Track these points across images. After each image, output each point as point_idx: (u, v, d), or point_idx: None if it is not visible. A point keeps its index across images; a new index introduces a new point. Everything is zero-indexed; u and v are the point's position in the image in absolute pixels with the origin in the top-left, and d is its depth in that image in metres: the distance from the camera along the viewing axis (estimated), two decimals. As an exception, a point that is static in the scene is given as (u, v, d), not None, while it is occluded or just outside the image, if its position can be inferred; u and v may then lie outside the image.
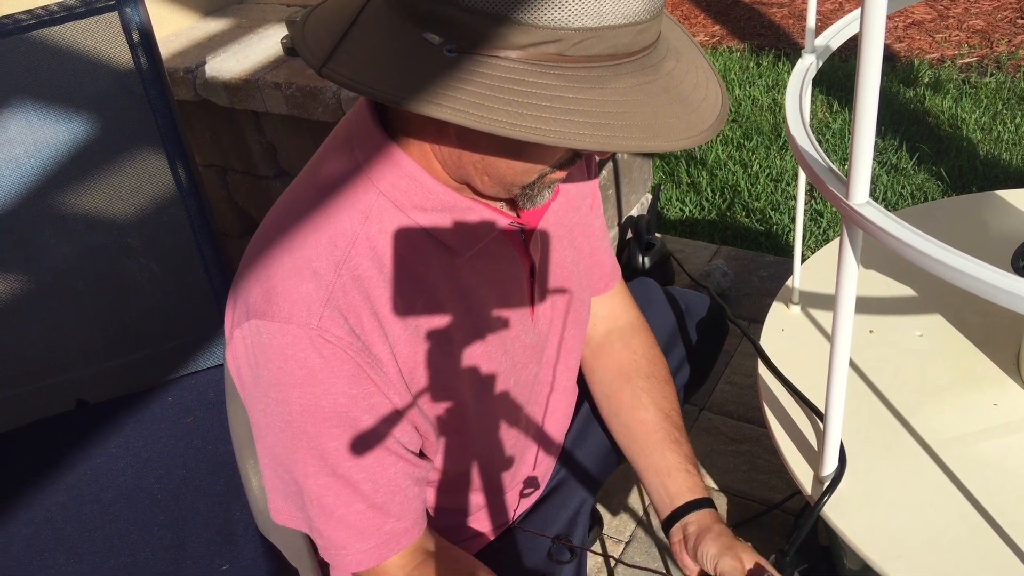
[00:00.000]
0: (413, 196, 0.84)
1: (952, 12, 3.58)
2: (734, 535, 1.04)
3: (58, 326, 1.42)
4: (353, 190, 0.85)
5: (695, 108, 0.76)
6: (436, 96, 0.69)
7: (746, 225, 2.51)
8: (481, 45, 0.70)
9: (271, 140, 1.92)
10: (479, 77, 0.70)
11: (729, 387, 1.83)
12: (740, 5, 3.92)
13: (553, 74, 0.70)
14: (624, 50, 0.72)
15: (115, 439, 1.37)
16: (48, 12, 1.29)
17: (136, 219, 1.41)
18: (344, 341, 0.81)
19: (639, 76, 0.73)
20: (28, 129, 1.32)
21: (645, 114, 0.72)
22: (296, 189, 0.90)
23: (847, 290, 0.86)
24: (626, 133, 0.70)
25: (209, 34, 2.00)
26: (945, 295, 1.31)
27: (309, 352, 0.81)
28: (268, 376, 0.83)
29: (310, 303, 0.81)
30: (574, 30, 0.69)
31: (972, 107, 2.87)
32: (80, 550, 1.20)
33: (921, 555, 0.98)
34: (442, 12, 0.70)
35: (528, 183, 0.84)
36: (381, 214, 0.84)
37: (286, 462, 0.87)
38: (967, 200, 1.53)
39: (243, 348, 0.85)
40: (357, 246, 0.83)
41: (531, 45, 0.69)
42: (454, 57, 0.70)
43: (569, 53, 0.70)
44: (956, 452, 1.08)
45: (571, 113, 0.69)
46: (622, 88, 0.72)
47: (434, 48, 0.71)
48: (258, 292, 0.83)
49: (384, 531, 0.90)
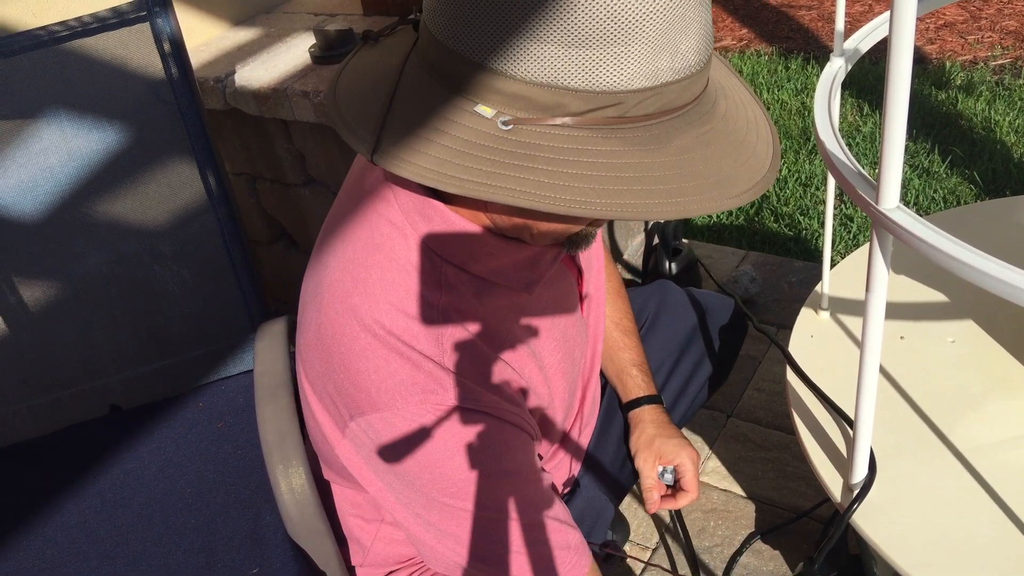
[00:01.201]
0: (474, 253, 0.84)
1: (984, 13, 3.53)
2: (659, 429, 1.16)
3: (91, 333, 1.44)
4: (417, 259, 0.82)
5: (753, 150, 0.75)
6: (499, 179, 0.66)
7: (775, 230, 2.50)
8: (537, 115, 0.67)
9: (299, 148, 1.94)
10: (540, 151, 0.67)
11: (757, 394, 1.81)
12: (768, 8, 3.90)
13: (616, 138, 0.68)
14: (680, 102, 0.71)
15: (147, 444, 1.38)
16: (81, 23, 1.31)
17: (167, 227, 1.42)
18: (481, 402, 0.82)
19: (698, 127, 0.72)
20: (62, 138, 1.34)
21: (712, 169, 0.70)
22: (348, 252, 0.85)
23: (877, 296, 0.85)
24: (700, 195, 0.69)
25: (238, 43, 2.02)
26: (978, 301, 1.29)
27: (452, 422, 0.81)
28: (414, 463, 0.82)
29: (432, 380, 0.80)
30: (632, 92, 0.67)
31: (1006, 109, 2.83)
32: (113, 553, 1.21)
33: (952, 564, 0.96)
34: (492, 83, 0.68)
35: (576, 232, 0.84)
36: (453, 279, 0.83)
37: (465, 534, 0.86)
38: (1000, 204, 1.51)
39: (367, 441, 0.83)
40: (447, 316, 0.82)
41: (589, 111, 0.67)
42: (510, 130, 0.68)
43: (629, 115, 0.68)
44: (988, 460, 1.07)
45: (644, 181, 0.67)
46: (687, 145, 0.70)
47: (487, 121, 0.68)
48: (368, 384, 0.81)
49: (571, 548, 0.92)
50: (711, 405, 1.80)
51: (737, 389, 1.82)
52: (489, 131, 0.68)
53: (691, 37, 0.68)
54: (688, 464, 1.16)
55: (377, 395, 0.80)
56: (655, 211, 0.67)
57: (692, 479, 1.16)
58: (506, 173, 0.67)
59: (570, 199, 0.66)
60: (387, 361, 0.80)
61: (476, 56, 0.68)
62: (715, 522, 1.55)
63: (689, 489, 1.16)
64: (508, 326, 0.88)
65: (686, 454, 1.15)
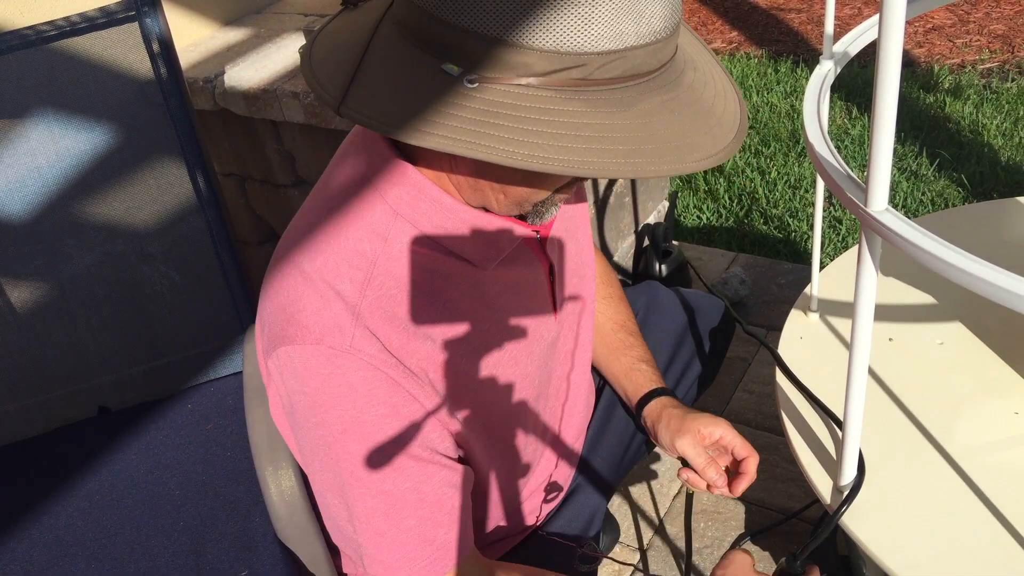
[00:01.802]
0: (432, 217, 0.84)
1: (973, 17, 3.55)
2: (684, 411, 1.10)
3: (79, 334, 1.44)
4: (371, 212, 0.84)
5: (718, 120, 0.76)
6: (462, 133, 0.68)
7: (764, 232, 2.50)
8: (502, 74, 0.69)
9: (289, 149, 1.93)
10: (504, 108, 0.69)
11: (747, 395, 1.82)
12: (758, 11, 3.92)
13: (579, 99, 0.69)
14: (646, 68, 0.72)
15: (136, 446, 1.38)
16: (69, 23, 1.30)
17: (156, 227, 1.42)
18: (378, 359, 0.81)
19: (662, 93, 0.73)
20: (50, 139, 1.34)
21: (673, 134, 0.72)
22: (310, 210, 0.89)
23: (866, 298, 0.86)
24: (658, 157, 0.70)
25: (228, 44, 2.02)
26: (966, 303, 1.30)
27: (345, 370, 0.81)
28: (305, 400, 0.83)
29: (340, 324, 0.80)
30: (597, 54, 0.68)
31: (993, 112, 2.85)
32: (100, 555, 1.21)
33: (940, 564, 0.97)
34: (460, 41, 0.69)
35: (541, 200, 0.84)
36: (400, 235, 0.84)
37: (334, 486, 0.87)
38: (988, 207, 1.52)
39: (278, 377, 0.85)
40: (378, 267, 0.83)
41: (554, 72, 0.68)
42: (475, 88, 0.69)
43: (592, 76, 0.69)
44: (976, 461, 1.07)
45: (604, 141, 0.69)
46: (649, 109, 0.71)
47: (453, 79, 0.70)
48: (282, 318, 0.83)
49: (436, 544, 0.89)
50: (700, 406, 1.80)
51: (726, 391, 1.82)
52: (455, 88, 0.69)
53: (657, 3, 0.70)
54: (730, 434, 1.08)
55: (286, 328, 0.82)
56: (612, 170, 0.69)
57: (743, 444, 1.08)
58: (469, 128, 0.68)
59: (529, 155, 0.67)
60: (301, 295, 0.82)
61: (443, 14, 0.69)
62: (705, 523, 1.55)
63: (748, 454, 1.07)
64: (451, 297, 0.88)
65: (723, 426, 1.08)
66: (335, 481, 0.86)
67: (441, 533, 0.89)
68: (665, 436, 1.09)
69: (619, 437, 1.26)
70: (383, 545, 0.87)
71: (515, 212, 0.87)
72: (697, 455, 1.07)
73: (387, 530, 0.86)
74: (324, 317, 0.81)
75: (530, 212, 0.87)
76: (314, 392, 0.82)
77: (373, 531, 0.87)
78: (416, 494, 0.86)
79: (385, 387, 0.82)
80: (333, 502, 0.89)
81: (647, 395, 1.15)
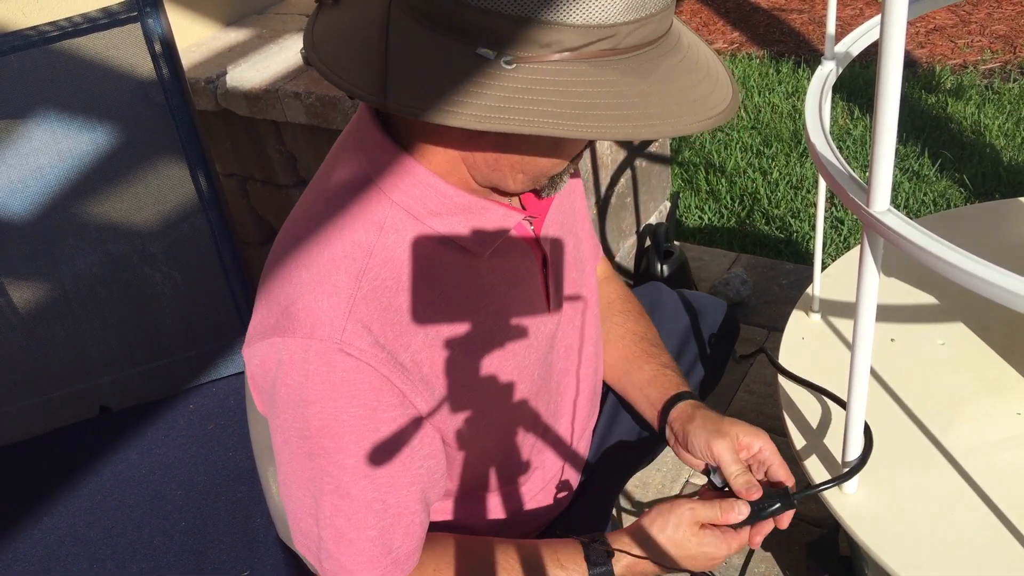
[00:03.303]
0: (428, 203, 0.85)
1: (974, 17, 3.55)
2: (720, 415, 1.04)
3: (81, 334, 1.44)
4: (366, 201, 0.85)
5: (718, 77, 0.80)
6: (510, 112, 0.70)
7: (766, 233, 2.50)
8: (537, 52, 0.71)
9: (291, 149, 1.93)
10: (544, 84, 0.71)
11: (748, 396, 1.82)
12: (759, 12, 3.91)
13: (611, 68, 0.72)
14: (658, 33, 0.75)
15: (138, 446, 1.38)
16: (71, 23, 1.30)
17: (158, 228, 1.42)
18: (368, 353, 0.81)
19: (672, 56, 0.77)
20: (52, 139, 1.34)
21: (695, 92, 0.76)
22: (307, 203, 0.90)
23: (868, 298, 0.86)
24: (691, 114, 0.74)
25: (229, 44, 2.02)
26: (968, 303, 1.30)
27: (331, 368, 0.81)
28: (288, 393, 0.83)
29: (332, 317, 0.81)
30: (624, 24, 0.71)
31: (995, 113, 2.85)
32: (102, 556, 1.21)
33: (943, 565, 0.97)
34: (491, 25, 0.70)
35: (557, 172, 0.86)
36: (396, 224, 0.84)
37: (303, 481, 0.87)
38: (990, 207, 1.52)
39: (260, 366, 0.85)
40: (374, 257, 0.83)
41: (585, 45, 0.71)
42: (513, 68, 0.71)
43: (620, 46, 0.73)
44: (978, 462, 1.07)
45: (642, 105, 0.72)
46: (669, 71, 0.75)
47: (490, 62, 0.71)
48: (277, 310, 0.83)
49: (392, 556, 0.89)
50: (702, 407, 1.80)
51: (728, 392, 1.82)
52: (493, 71, 0.71)
53: None
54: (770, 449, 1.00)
55: (281, 319, 0.82)
56: (658, 129, 0.73)
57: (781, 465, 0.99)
58: (516, 107, 0.70)
59: (578, 125, 0.70)
60: (298, 288, 0.82)
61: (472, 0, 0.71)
62: (706, 524, 1.55)
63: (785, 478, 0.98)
64: (447, 286, 0.88)
65: (764, 439, 1.00)
66: (305, 475, 0.86)
67: (398, 542, 0.89)
68: (699, 437, 1.01)
69: (625, 438, 1.26)
70: (342, 545, 0.87)
71: (530, 188, 0.88)
72: (732, 460, 0.98)
73: (347, 531, 0.87)
74: (317, 310, 0.81)
75: (546, 185, 0.89)
76: (297, 386, 0.82)
77: (335, 529, 0.87)
78: (381, 503, 0.86)
79: (370, 387, 0.82)
80: (299, 494, 0.88)
81: (675, 396, 1.09)
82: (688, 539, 0.94)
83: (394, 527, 0.88)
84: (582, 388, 1.15)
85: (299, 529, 0.91)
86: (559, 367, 1.07)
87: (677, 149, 2.95)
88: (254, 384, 0.88)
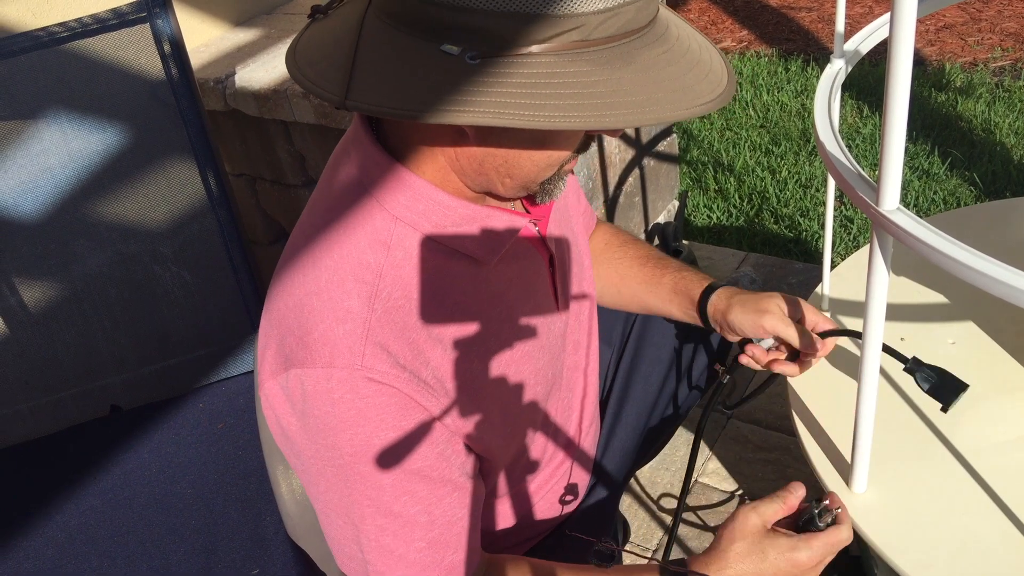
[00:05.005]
0: (431, 216, 0.84)
1: (984, 15, 3.53)
2: (753, 293, 1.10)
3: (92, 333, 1.44)
4: (370, 220, 0.83)
5: (710, 67, 0.78)
6: (476, 106, 0.69)
7: (775, 232, 2.50)
8: (503, 46, 0.70)
9: (299, 149, 1.94)
10: (512, 78, 0.70)
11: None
12: (768, 10, 3.90)
13: (583, 60, 0.71)
14: (637, 24, 0.73)
15: (148, 445, 1.38)
16: (81, 24, 1.31)
17: (168, 228, 1.43)
18: (391, 375, 0.80)
19: (656, 47, 0.75)
20: (62, 139, 1.34)
21: (678, 83, 0.74)
22: (308, 225, 0.88)
23: (877, 297, 0.85)
24: (671, 103, 0.72)
25: (238, 45, 2.02)
26: (978, 302, 1.29)
27: (356, 394, 0.80)
28: (316, 424, 0.82)
29: (350, 343, 0.80)
30: (594, 13, 0.70)
31: (1005, 111, 2.83)
32: (113, 553, 1.21)
33: (953, 565, 0.96)
34: (456, 21, 0.70)
35: (547, 177, 0.84)
36: (402, 240, 0.83)
37: (341, 508, 0.86)
38: (1000, 206, 1.51)
39: (284, 399, 0.83)
40: (384, 278, 0.82)
41: (554, 36, 0.70)
42: (477, 63, 0.70)
43: (592, 37, 0.71)
44: (989, 461, 1.07)
45: (616, 95, 0.70)
46: (649, 61, 0.73)
47: (455, 59, 0.70)
48: (292, 340, 0.82)
49: (444, 565, 0.88)
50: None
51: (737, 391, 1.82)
52: (459, 67, 0.70)
53: None
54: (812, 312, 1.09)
55: (297, 350, 0.81)
56: (632, 118, 0.70)
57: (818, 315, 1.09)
58: (482, 100, 0.69)
59: (550, 116, 0.68)
60: (311, 315, 0.81)
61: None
62: (716, 522, 1.55)
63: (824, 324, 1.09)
64: (458, 297, 0.87)
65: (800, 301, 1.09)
66: (342, 503, 0.85)
67: (450, 554, 0.88)
68: (745, 322, 1.08)
69: (631, 436, 1.26)
70: (392, 560, 0.86)
71: (522, 194, 0.87)
72: (786, 328, 1.07)
73: (396, 548, 0.86)
74: (334, 337, 0.80)
75: (538, 192, 0.87)
76: (324, 415, 0.81)
77: (381, 548, 0.86)
78: (427, 516, 0.86)
79: (397, 407, 0.82)
80: (339, 523, 0.87)
81: (704, 293, 1.14)
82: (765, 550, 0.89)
83: (443, 538, 0.88)
84: (589, 386, 1.15)
85: (344, 554, 0.89)
86: (569, 364, 1.07)
87: (685, 148, 2.95)
88: (275, 421, 0.86)
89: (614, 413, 1.26)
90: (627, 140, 2.05)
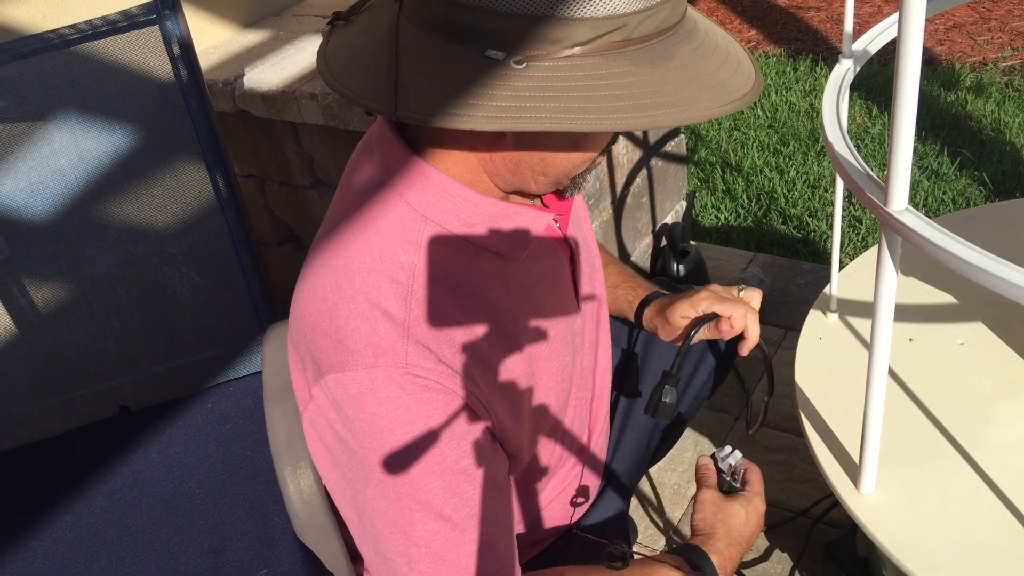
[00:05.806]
0: (460, 215, 0.84)
1: (995, 14, 3.52)
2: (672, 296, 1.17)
3: (101, 334, 1.45)
4: (399, 220, 0.83)
5: (738, 61, 0.80)
6: (524, 111, 0.69)
7: (783, 232, 2.49)
8: (546, 50, 0.71)
9: (308, 150, 1.94)
10: (556, 81, 0.71)
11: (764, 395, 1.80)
12: (776, 9, 3.90)
13: (624, 59, 0.72)
14: (671, 21, 0.75)
15: (156, 445, 1.39)
16: (91, 26, 1.32)
17: (177, 229, 1.43)
18: (435, 371, 0.80)
19: (689, 43, 0.76)
20: (72, 141, 1.35)
21: (714, 78, 0.75)
22: (338, 220, 0.88)
23: (886, 298, 0.85)
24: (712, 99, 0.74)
25: (247, 46, 2.03)
26: (987, 303, 1.29)
27: (402, 393, 0.79)
28: (363, 426, 0.81)
29: (392, 343, 0.79)
30: (635, 13, 0.71)
31: (1015, 111, 2.82)
32: (121, 553, 1.22)
33: (962, 566, 0.96)
34: (498, 26, 0.70)
35: (579, 173, 0.86)
36: (432, 239, 0.83)
37: (389, 514, 0.84)
38: (1010, 206, 1.51)
39: (328, 405, 0.82)
40: (418, 277, 0.82)
41: (596, 38, 0.71)
42: (523, 68, 0.71)
43: (632, 36, 0.72)
44: (998, 462, 1.06)
45: (659, 94, 0.72)
46: (686, 58, 0.75)
47: (501, 64, 0.71)
48: (329, 345, 0.81)
49: (494, 570, 0.88)
50: (719, 407, 1.80)
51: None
52: (503, 72, 0.71)
53: None
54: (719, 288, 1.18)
55: (334, 354, 0.81)
56: (680, 117, 0.72)
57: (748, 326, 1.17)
58: (530, 104, 0.70)
59: (597, 118, 0.70)
60: (348, 319, 0.81)
61: (478, 2, 0.70)
62: (723, 524, 1.55)
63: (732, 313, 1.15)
64: (489, 294, 0.87)
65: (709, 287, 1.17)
66: (391, 510, 0.84)
67: (499, 561, 0.88)
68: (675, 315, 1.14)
69: (640, 437, 1.26)
70: (443, 565, 0.85)
71: (552, 189, 0.88)
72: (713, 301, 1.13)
73: (447, 554, 0.85)
74: (375, 339, 0.80)
75: (569, 186, 0.88)
76: (371, 417, 0.80)
77: (433, 555, 0.84)
78: (473, 520, 0.85)
79: (443, 405, 0.81)
80: (385, 532, 0.85)
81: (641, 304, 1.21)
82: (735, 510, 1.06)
83: (491, 540, 0.87)
84: (599, 387, 1.15)
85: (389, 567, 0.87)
86: (581, 364, 1.07)
87: (693, 148, 2.95)
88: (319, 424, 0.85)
89: (624, 414, 1.26)
90: (634, 140, 2.05)
